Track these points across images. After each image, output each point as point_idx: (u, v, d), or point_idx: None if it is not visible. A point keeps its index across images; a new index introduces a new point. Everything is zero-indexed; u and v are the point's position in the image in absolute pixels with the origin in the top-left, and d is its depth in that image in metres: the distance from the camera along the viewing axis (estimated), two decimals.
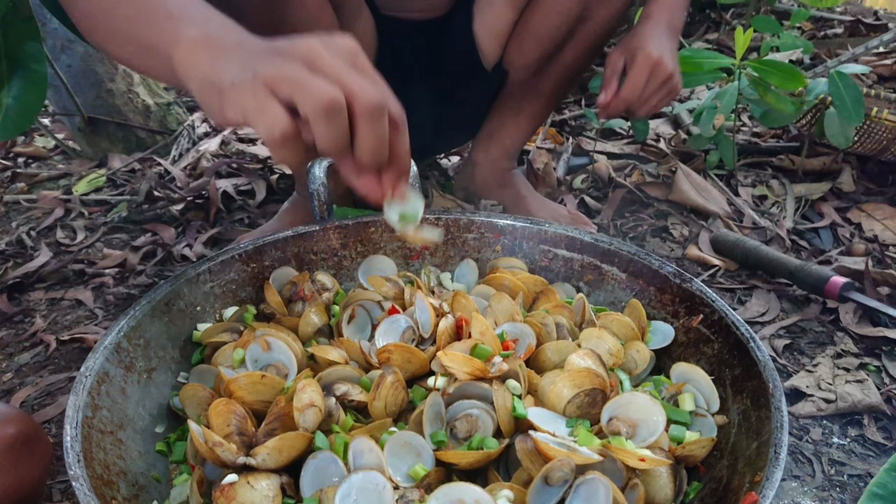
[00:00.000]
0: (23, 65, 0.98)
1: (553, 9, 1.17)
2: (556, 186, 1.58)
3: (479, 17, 1.25)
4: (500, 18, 1.23)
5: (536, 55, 1.23)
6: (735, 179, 1.63)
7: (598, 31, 1.20)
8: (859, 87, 1.42)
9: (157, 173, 1.69)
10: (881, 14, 3.20)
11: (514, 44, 1.24)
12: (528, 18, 1.21)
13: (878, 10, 3.36)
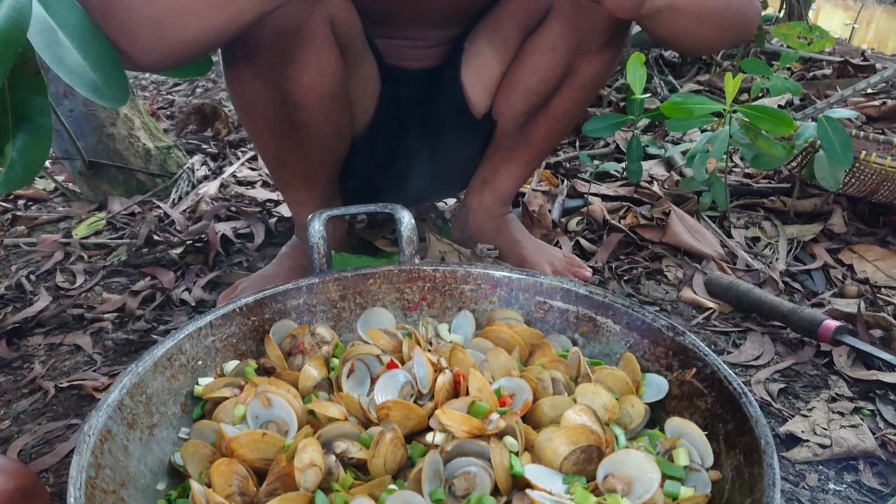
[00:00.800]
0: (29, 118, 1.00)
1: (538, 64, 1.20)
2: (552, 229, 1.60)
3: (467, 68, 1.29)
4: (488, 70, 1.27)
5: (524, 107, 1.26)
6: (728, 221, 1.65)
7: (584, 86, 1.23)
8: (847, 130, 1.46)
9: (156, 217, 1.71)
10: (868, 54, 3.27)
11: (502, 96, 1.28)
12: (515, 72, 1.25)
13: (865, 51, 3.43)
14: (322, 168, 1.26)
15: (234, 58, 1.05)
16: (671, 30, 0.98)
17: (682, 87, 2.59)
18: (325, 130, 1.17)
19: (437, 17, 1.25)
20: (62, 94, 1.72)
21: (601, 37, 1.17)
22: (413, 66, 1.31)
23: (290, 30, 0.99)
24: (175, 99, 3.03)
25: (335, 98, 1.13)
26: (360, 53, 1.18)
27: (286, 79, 1.06)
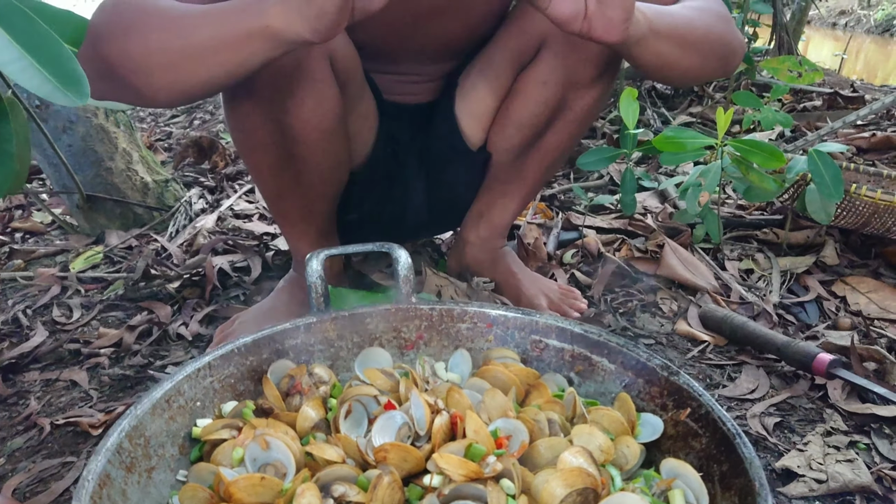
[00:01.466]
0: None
1: (532, 98, 1.23)
2: (547, 261, 1.62)
3: (462, 102, 1.31)
4: (482, 104, 1.29)
5: (518, 141, 1.28)
6: (721, 253, 1.66)
7: (577, 119, 1.25)
8: (838, 163, 1.48)
9: (153, 250, 1.71)
10: (857, 86, 3.32)
11: (497, 129, 1.30)
12: (509, 106, 1.27)
13: (854, 82, 3.48)
14: (320, 202, 1.27)
15: (234, 92, 1.07)
16: (656, 59, 0.99)
17: (675, 118, 2.62)
18: (324, 164, 1.18)
19: (432, 53, 1.27)
20: (61, 129, 1.73)
21: (593, 71, 1.19)
22: (409, 100, 1.33)
23: (289, 66, 1.01)
24: (173, 131, 3.05)
25: (334, 133, 1.15)
26: (358, 89, 1.20)
27: (285, 113, 1.07)
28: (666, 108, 2.72)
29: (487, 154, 1.34)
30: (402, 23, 1.16)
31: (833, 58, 6.01)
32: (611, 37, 0.86)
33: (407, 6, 1.12)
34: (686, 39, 1.01)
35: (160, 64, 0.85)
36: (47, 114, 1.70)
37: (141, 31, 0.86)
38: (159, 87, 0.86)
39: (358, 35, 1.14)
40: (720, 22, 1.08)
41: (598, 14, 0.84)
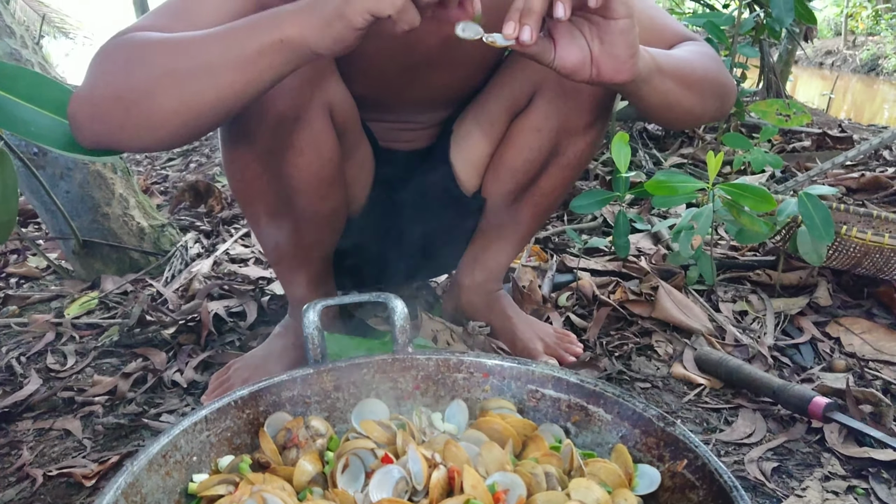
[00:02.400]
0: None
1: (526, 145, 1.25)
2: (542, 304, 1.62)
3: (457, 149, 1.33)
4: (476, 151, 1.31)
5: (512, 186, 1.30)
6: (715, 295, 1.67)
7: (570, 164, 1.27)
8: (828, 203, 1.50)
9: (149, 295, 1.71)
10: (845, 125, 3.37)
11: (491, 175, 1.32)
12: (503, 152, 1.29)
13: (842, 122, 3.55)
14: (317, 249, 1.28)
15: (234, 141, 1.08)
16: (662, 98, 0.99)
17: (667, 160, 2.66)
18: (322, 212, 1.19)
19: (427, 102, 1.29)
20: (59, 175, 1.74)
21: (586, 118, 1.21)
22: (405, 147, 1.35)
23: (289, 116, 1.03)
24: (169, 174, 3.08)
25: (332, 181, 1.16)
26: (356, 138, 1.22)
27: (284, 162, 1.09)
28: (657, 150, 2.76)
29: (482, 199, 1.36)
30: (397, 74, 1.18)
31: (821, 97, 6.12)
32: (621, 76, 0.86)
33: (402, 58, 1.14)
34: (688, 79, 1.02)
35: (165, 90, 0.82)
36: (45, 161, 1.71)
37: (145, 59, 0.84)
38: (163, 119, 0.84)
39: (355, 86, 1.16)
40: (715, 63, 1.11)
41: (604, 56, 0.84)
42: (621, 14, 0.81)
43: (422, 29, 1.12)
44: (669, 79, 0.98)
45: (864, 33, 14.49)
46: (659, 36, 1.14)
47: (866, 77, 12.49)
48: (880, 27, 14.00)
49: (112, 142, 0.89)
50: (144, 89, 0.83)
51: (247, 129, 1.04)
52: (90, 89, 0.86)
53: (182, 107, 0.83)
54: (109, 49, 0.88)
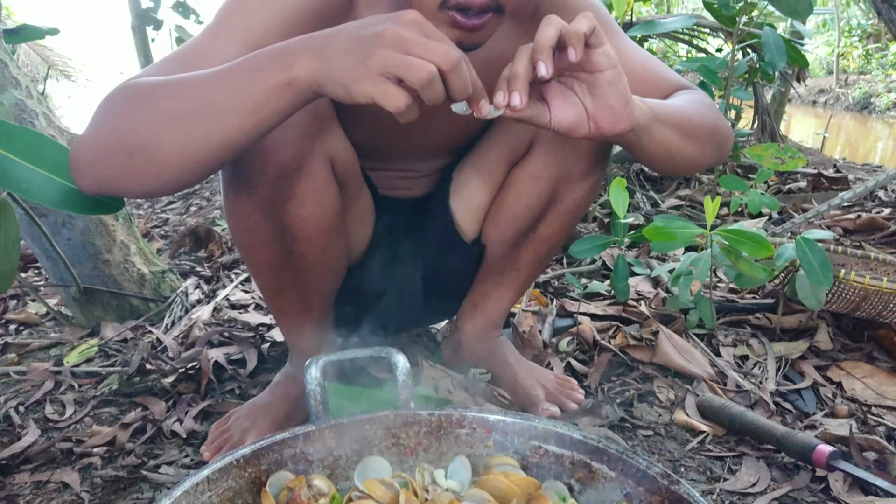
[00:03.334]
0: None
1: (524, 193, 1.26)
2: (543, 349, 1.62)
3: (456, 196, 1.35)
4: (476, 198, 1.33)
5: (512, 233, 1.31)
6: (716, 339, 1.67)
7: (569, 211, 1.29)
8: (826, 245, 1.51)
9: (149, 343, 1.71)
10: (840, 165, 3.41)
11: (490, 222, 1.34)
12: (502, 200, 1.30)
13: (837, 162, 3.58)
14: (317, 297, 1.28)
15: (235, 192, 1.09)
16: (661, 147, 1.00)
17: (664, 201, 2.68)
18: (322, 261, 1.20)
19: (427, 152, 1.31)
20: (60, 223, 1.75)
21: (584, 165, 1.23)
22: (404, 195, 1.36)
23: (291, 167, 1.04)
24: (169, 217, 3.09)
25: (333, 231, 1.17)
26: (356, 187, 1.23)
27: (286, 213, 1.09)
28: (654, 191, 2.78)
29: (482, 246, 1.37)
30: (398, 123, 1.19)
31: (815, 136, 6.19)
32: (620, 126, 0.87)
33: None
34: (686, 127, 1.04)
35: (170, 134, 0.81)
36: (47, 209, 1.73)
37: (149, 102, 0.83)
38: (167, 164, 0.83)
39: (355, 134, 1.18)
40: (711, 111, 1.13)
41: (598, 109, 0.86)
42: (605, 66, 0.84)
43: None
44: (668, 127, 1.00)
45: (856, 72, 14.72)
46: (654, 85, 1.17)
47: (859, 115, 12.65)
48: (871, 66, 14.23)
49: (114, 187, 0.88)
50: (148, 134, 0.82)
51: (248, 180, 1.04)
52: (93, 134, 0.86)
53: (187, 151, 0.82)
54: (113, 95, 0.88)
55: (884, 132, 10.34)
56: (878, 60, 13.97)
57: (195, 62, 0.92)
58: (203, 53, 0.95)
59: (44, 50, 9.84)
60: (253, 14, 0.99)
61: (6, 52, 1.66)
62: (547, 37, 0.80)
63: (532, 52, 0.81)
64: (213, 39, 0.99)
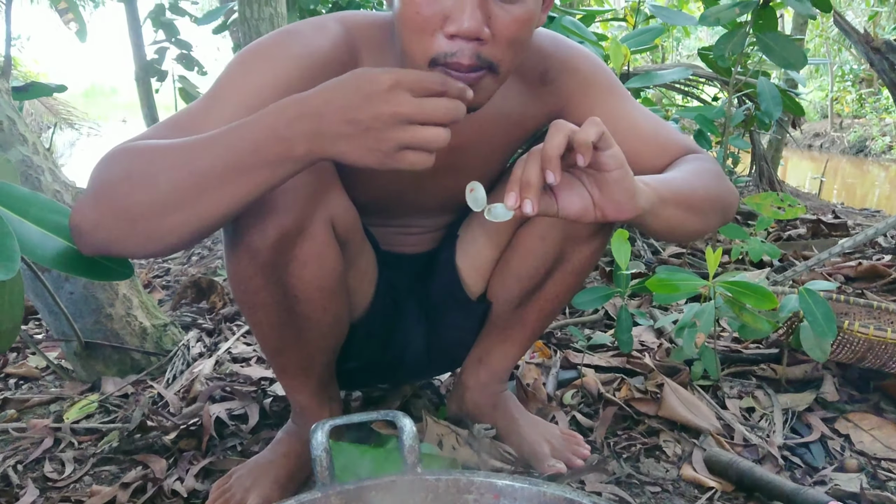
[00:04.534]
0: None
1: (531, 252, 1.27)
2: (547, 402, 1.61)
3: (462, 253, 1.35)
4: (481, 255, 1.33)
5: (518, 292, 1.31)
6: (721, 391, 1.66)
7: (575, 271, 1.29)
8: (828, 294, 1.51)
9: (150, 398, 1.70)
10: (839, 211, 3.43)
11: (496, 280, 1.34)
12: (508, 258, 1.31)
13: (835, 207, 3.61)
14: (320, 355, 1.27)
15: (236, 255, 1.09)
16: (665, 225, 1.02)
17: (665, 249, 2.69)
18: (324, 321, 1.20)
19: (432, 209, 1.32)
20: (64, 277, 1.76)
21: (591, 227, 1.23)
22: (408, 251, 1.37)
23: (292, 230, 1.04)
24: (171, 267, 3.09)
25: (335, 291, 1.17)
26: (358, 247, 1.24)
27: (288, 274, 1.10)
28: (655, 238, 2.79)
29: (487, 302, 1.37)
30: (404, 181, 1.20)
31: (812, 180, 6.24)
32: (625, 214, 0.91)
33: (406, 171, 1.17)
34: (690, 201, 1.06)
35: (171, 204, 0.84)
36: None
37: (149, 171, 0.85)
38: (168, 231, 0.85)
39: (359, 193, 1.18)
40: (716, 180, 1.14)
41: (604, 200, 0.89)
42: (612, 167, 0.87)
43: None
44: (672, 206, 1.02)
45: (850, 116, 14.91)
46: (662, 149, 1.19)
47: (855, 158, 12.78)
48: (865, 110, 14.43)
49: (116, 251, 0.89)
50: (150, 205, 0.84)
51: (249, 243, 1.04)
52: (94, 200, 0.87)
53: (188, 219, 0.85)
54: (113, 158, 0.89)
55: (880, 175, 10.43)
56: (872, 104, 14.17)
57: (196, 129, 0.93)
58: (204, 120, 0.97)
59: (47, 99, 9.97)
60: (254, 80, 1.01)
61: (14, 110, 1.69)
62: (555, 146, 0.83)
63: (541, 160, 0.84)
64: (214, 104, 1.01)
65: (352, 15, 1.11)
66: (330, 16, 1.10)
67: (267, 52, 1.04)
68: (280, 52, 1.04)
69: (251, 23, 2.65)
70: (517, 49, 0.99)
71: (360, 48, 1.09)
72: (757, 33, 2.34)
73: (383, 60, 1.09)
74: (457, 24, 0.92)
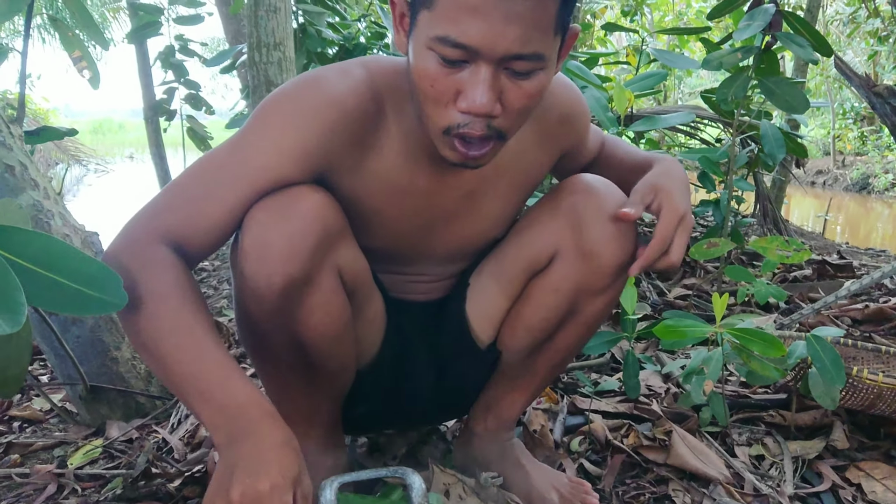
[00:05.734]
0: None
1: (543, 304, 1.26)
2: (554, 449, 1.59)
3: (473, 302, 1.34)
4: (493, 306, 1.32)
5: (528, 342, 1.30)
6: (730, 438, 1.65)
7: (587, 323, 1.29)
8: (836, 338, 1.50)
9: (154, 443, 1.69)
10: (844, 251, 3.43)
11: (507, 330, 1.33)
12: (520, 309, 1.30)
13: (840, 247, 3.61)
14: (325, 402, 1.27)
15: (243, 301, 1.09)
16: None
17: (670, 290, 2.68)
18: (331, 368, 1.20)
19: (445, 255, 1.30)
20: (71, 321, 1.76)
21: (605, 280, 1.23)
22: (418, 298, 1.36)
23: (299, 280, 1.04)
24: None
25: (341, 339, 1.17)
26: (366, 295, 1.24)
27: (294, 322, 1.10)
28: (660, 280, 2.79)
29: (497, 351, 1.36)
30: (416, 230, 1.20)
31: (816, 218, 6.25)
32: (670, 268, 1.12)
33: (423, 214, 1.18)
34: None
35: (151, 362, 0.97)
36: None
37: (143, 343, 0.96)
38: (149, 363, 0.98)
39: (370, 241, 1.19)
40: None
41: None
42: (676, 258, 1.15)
43: (445, 184, 1.17)
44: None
45: (852, 153, 14.99)
46: (640, 168, 1.28)
47: (858, 195, 12.81)
48: (867, 147, 14.51)
49: None
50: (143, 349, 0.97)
51: (256, 289, 1.04)
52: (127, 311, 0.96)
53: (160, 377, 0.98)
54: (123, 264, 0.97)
55: (883, 213, 10.45)
56: (874, 142, 14.25)
57: (197, 202, 1.02)
58: (218, 180, 1.02)
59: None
60: (273, 140, 1.03)
61: (26, 155, 1.71)
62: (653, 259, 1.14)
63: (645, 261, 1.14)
64: (231, 159, 1.03)
65: (376, 61, 1.11)
66: (355, 62, 1.10)
67: (287, 108, 1.04)
68: (301, 107, 1.04)
69: (260, 66, 2.70)
70: (527, 116, 1.02)
71: (385, 97, 1.09)
72: (759, 77, 2.37)
73: (406, 109, 1.10)
74: (469, 101, 0.93)
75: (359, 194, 1.13)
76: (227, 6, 5.27)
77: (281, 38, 2.70)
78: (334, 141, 1.05)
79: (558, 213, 1.23)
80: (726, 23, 7.83)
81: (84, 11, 1.72)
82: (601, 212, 1.18)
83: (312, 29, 3.62)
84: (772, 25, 2.32)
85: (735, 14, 2.63)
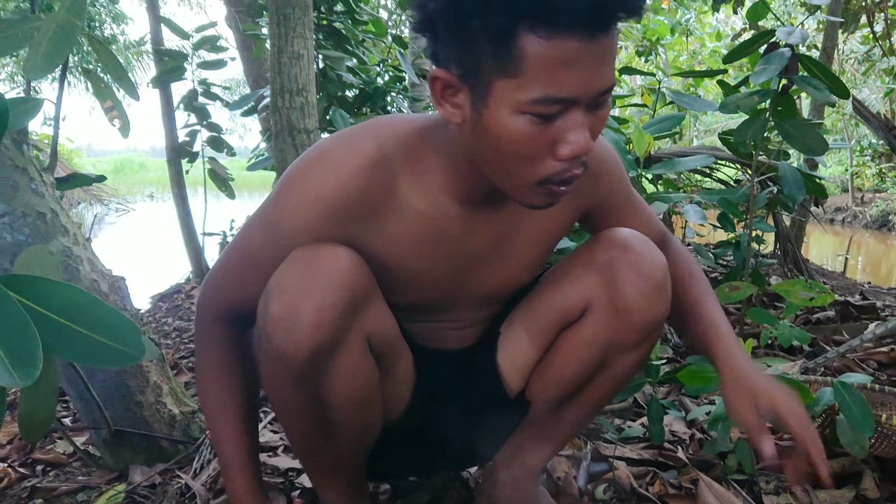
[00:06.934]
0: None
1: (574, 357, 1.26)
2: (579, 498, 1.57)
3: (503, 351, 1.34)
4: (523, 355, 1.32)
5: (557, 394, 1.30)
6: (757, 486, 1.62)
7: (617, 378, 1.29)
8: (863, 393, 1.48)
9: (178, 489, 1.69)
10: (866, 291, 3.39)
11: (537, 381, 1.32)
12: (551, 361, 1.29)
13: (863, 287, 3.57)
14: (350, 457, 1.26)
15: (269, 363, 1.09)
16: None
17: None
18: (357, 429, 1.20)
19: (477, 300, 1.29)
20: None
21: (637, 337, 1.23)
22: (448, 347, 1.35)
23: (326, 346, 1.03)
24: None
25: (368, 403, 1.17)
26: (395, 356, 1.23)
27: (320, 386, 1.09)
28: None
29: (525, 400, 1.36)
30: (449, 277, 1.20)
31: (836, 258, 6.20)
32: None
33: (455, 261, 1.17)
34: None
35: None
36: None
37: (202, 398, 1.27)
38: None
39: (402, 296, 1.18)
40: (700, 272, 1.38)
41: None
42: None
43: (475, 226, 1.16)
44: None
45: (871, 190, 14.90)
46: (648, 229, 1.31)
47: (878, 233, 12.70)
48: (886, 184, 14.42)
49: None
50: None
51: (282, 354, 1.04)
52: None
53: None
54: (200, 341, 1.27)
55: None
56: (893, 179, 14.16)
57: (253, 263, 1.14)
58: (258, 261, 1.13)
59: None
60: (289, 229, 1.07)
61: (57, 202, 1.74)
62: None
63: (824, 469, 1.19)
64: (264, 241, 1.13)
65: (389, 125, 1.11)
66: (364, 130, 1.10)
67: (294, 194, 1.07)
68: (306, 195, 1.06)
69: (283, 112, 2.75)
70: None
71: (396, 163, 1.08)
72: (777, 120, 2.39)
73: (422, 166, 1.10)
74: (572, 148, 0.93)
75: (386, 258, 1.13)
76: (248, 51, 5.40)
77: (303, 83, 2.75)
78: (344, 221, 1.07)
79: (593, 267, 1.23)
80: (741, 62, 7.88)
81: (117, 64, 1.77)
82: (636, 269, 1.18)
83: (333, 73, 3.69)
84: (788, 69, 2.34)
85: (752, 57, 2.65)
